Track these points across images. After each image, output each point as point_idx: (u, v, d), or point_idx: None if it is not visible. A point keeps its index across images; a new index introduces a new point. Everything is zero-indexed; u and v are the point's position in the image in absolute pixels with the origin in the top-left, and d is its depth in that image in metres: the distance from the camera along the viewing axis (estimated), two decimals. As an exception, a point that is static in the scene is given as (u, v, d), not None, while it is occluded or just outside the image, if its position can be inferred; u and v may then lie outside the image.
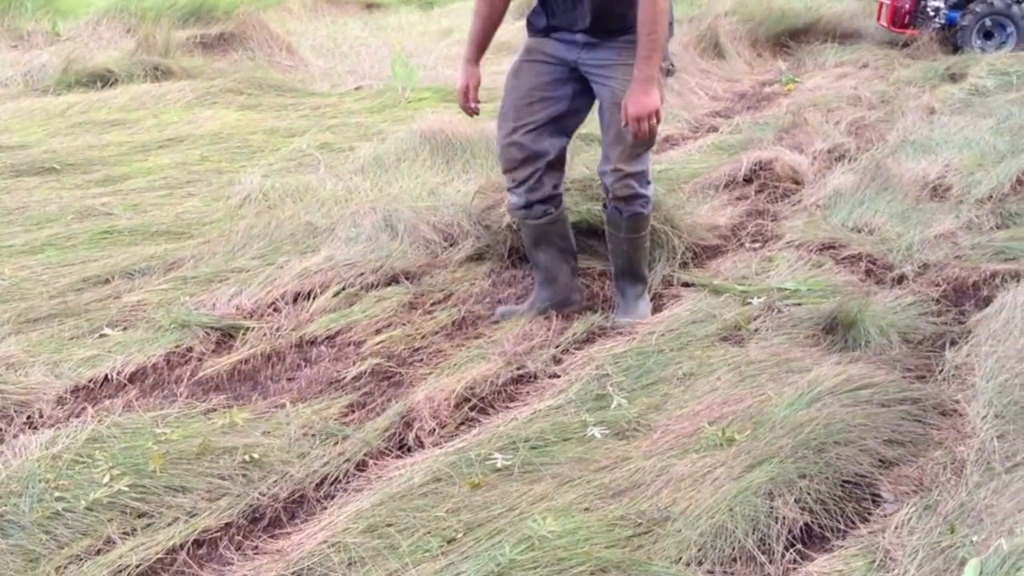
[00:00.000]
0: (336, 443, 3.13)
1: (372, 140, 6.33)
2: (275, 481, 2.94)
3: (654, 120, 3.37)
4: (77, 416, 3.25)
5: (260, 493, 2.88)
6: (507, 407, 3.35)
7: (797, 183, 5.45)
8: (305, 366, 3.73)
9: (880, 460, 2.93)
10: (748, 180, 5.47)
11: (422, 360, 3.71)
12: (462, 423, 3.24)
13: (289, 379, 3.65)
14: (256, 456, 2.99)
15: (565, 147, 3.77)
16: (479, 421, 3.21)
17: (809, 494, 2.76)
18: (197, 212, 5.20)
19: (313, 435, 3.17)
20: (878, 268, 4.43)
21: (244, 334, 3.90)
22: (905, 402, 3.16)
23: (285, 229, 4.83)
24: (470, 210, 4.81)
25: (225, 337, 3.91)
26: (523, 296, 4.24)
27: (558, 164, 3.77)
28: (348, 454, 3.08)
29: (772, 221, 4.96)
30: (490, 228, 4.70)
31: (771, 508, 2.69)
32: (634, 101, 3.35)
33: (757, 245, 4.74)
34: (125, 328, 3.93)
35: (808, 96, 7.64)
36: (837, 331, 3.68)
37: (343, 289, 4.27)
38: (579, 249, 4.15)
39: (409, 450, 3.13)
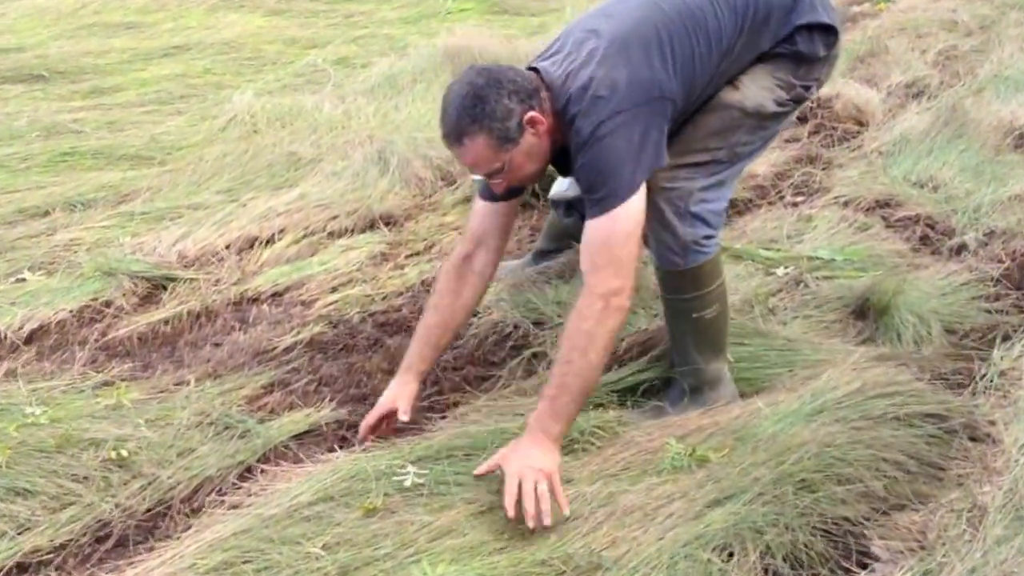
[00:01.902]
0: (232, 438, 2.56)
1: (392, 56, 5.67)
2: (139, 488, 2.40)
3: (543, 485, 2.12)
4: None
5: (115, 504, 2.35)
6: (459, 400, 2.74)
7: (860, 124, 4.67)
8: (237, 330, 3.17)
9: (878, 502, 2.27)
10: (803, 119, 4.69)
11: (372, 330, 3.11)
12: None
13: (215, 345, 3.11)
14: (125, 453, 2.46)
15: None
16: (413, 421, 2.60)
17: (778, 549, 2.12)
18: (176, 134, 4.66)
19: (209, 425, 2.61)
20: (935, 234, 3.68)
21: (176, 287, 3.34)
22: (928, 420, 2.48)
23: (263, 159, 4.25)
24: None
25: (154, 289, 3.38)
26: (519, 250, 3.61)
27: None
28: (240, 455, 2.51)
29: (822, 170, 4.22)
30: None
31: (724, 570, 2.07)
32: (519, 456, 2.17)
33: (799, 199, 4.01)
34: (48, 272, 3.41)
35: (898, 18, 6.70)
36: (867, 316, 3.00)
37: (305, 236, 3.67)
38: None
39: (314, 454, 2.53)
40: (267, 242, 3.66)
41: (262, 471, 2.47)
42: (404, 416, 2.46)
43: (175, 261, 3.49)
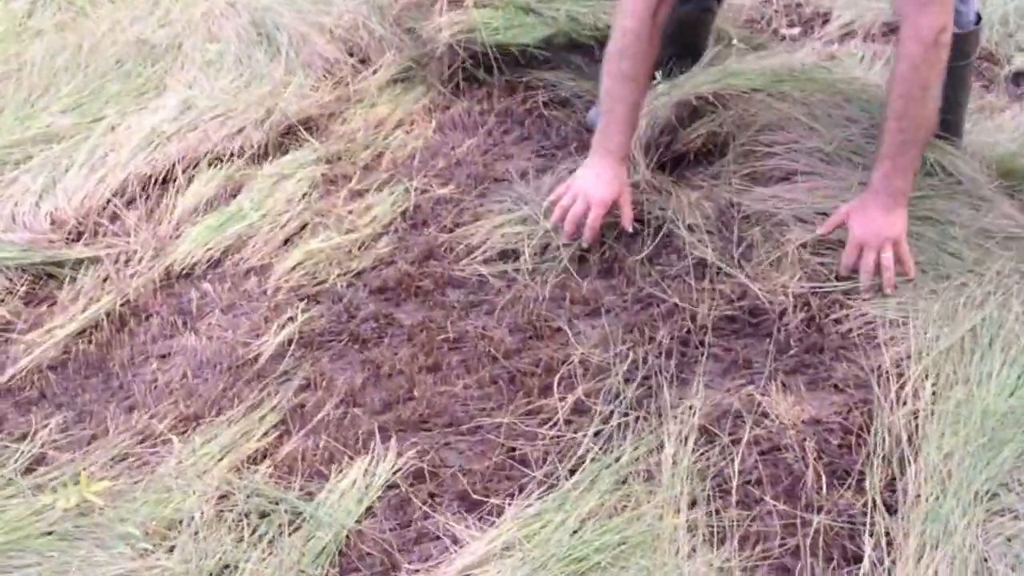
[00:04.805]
0: (292, 544, 1.73)
1: None
2: None
3: (887, 253, 2.15)
4: None
5: None
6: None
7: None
8: (185, 330, 2.26)
9: None
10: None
11: (373, 303, 2.28)
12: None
13: (161, 359, 2.19)
14: None
15: None
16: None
17: None
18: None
19: (240, 522, 1.77)
20: (979, 61, 3.07)
21: (71, 276, 2.35)
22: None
23: (106, 54, 3.16)
24: (383, 7, 3.20)
25: (39, 285, 2.38)
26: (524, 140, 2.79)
27: None
28: (320, 566, 1.69)
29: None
30: (418, 36, 3.11)
31: None
32: (865, 220, 2.17)
33: (794, 33, 3.31)
34: None
35: None
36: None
37: (213, 165, 2.70)
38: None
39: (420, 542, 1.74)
40: (163, 181, 2.66)
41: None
42: (628, 227, 2.37)
43: (51, 233, 2.47)
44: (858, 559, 1.68)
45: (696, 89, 2.66)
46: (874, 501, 1.76)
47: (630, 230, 2.37)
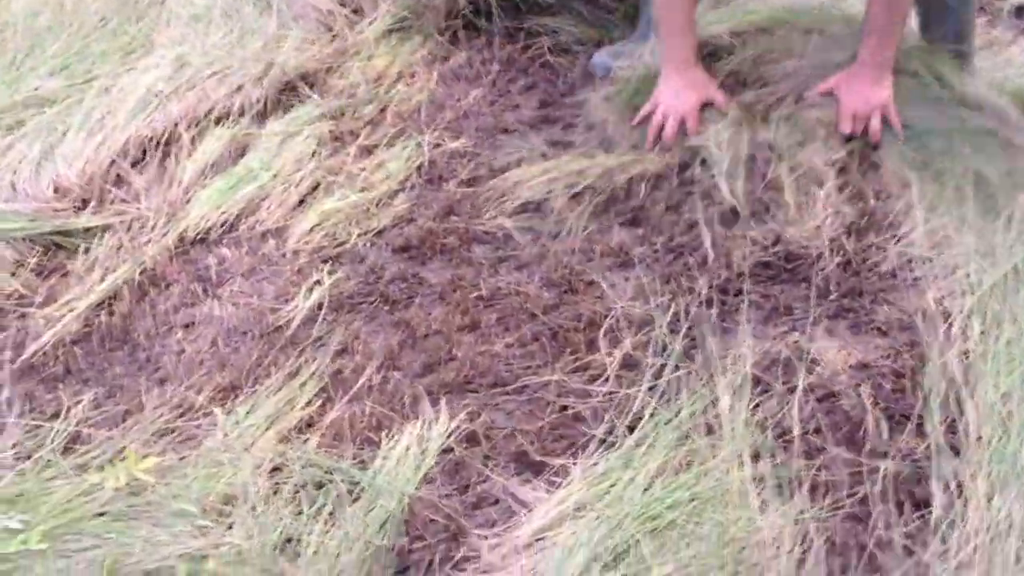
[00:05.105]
0: (353, 512, 1.69)
1: None
2: None
3: (876, 120, 2.34)
4: None
5: None
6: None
7: None
8: (207, 297, 2.18)
9: None
10: None
11: (398, 263, 2.22)
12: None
13: (185, 329, 2.12)
14: None
15: None
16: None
17: None
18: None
19: (297, 494, 1.71)
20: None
21: (83, 246, 2.27)
22: None
23: (89, 11, 3.04)
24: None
25: (49, 256, 2.30)
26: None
27: None
28: (386, 536, 1.65)
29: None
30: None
31: None
32: (855, 90, 2.34)
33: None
34: None
35: None
36: None
37: (216, 125, 2.60)
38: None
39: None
40: (166, 143, 2.57)
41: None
42: (725, 107, 2.44)
43: (56, 202, 2.38)
44: (927, 504, 1.67)
45: (711, 28, 2.61)
46: (937, 444, 1.74)
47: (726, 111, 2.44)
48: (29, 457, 1.82)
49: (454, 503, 1.71)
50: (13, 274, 2.22)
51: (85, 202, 2.41)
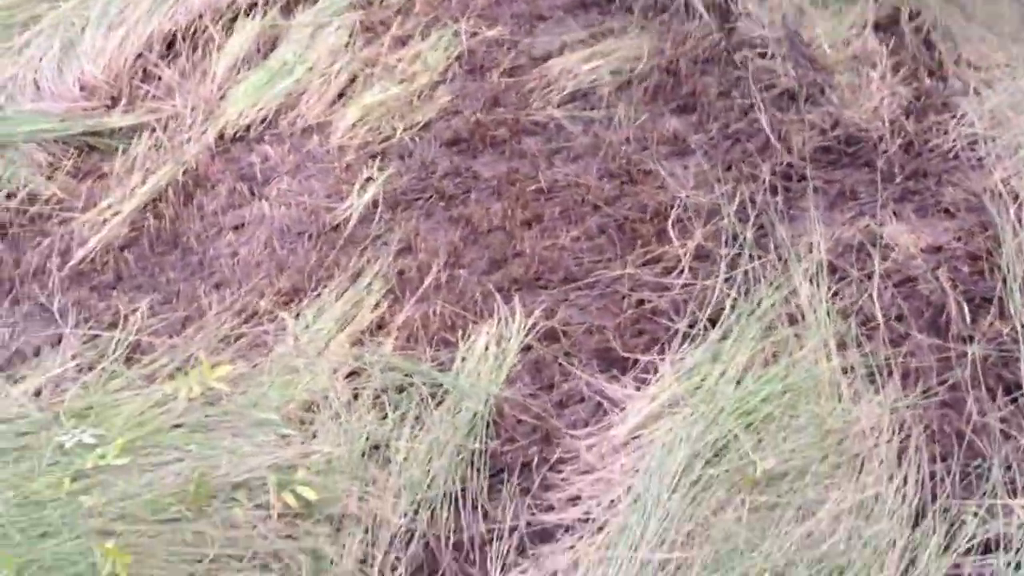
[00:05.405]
0: (443, 413, 1.66)
1: None
2: (360, 543, 1.48)
3: None
4: None
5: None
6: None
7: None
8: (254, 198, 2.11)
9: None
10: None
11: (448, 156, 2.16)
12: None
13: (236, 231, 2.05)
14: (310, 493, 1.50)
15: None
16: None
17: None
18: None
19: (380, 398, 1.67)
20: None
21: (119, 145, 2.18)
22: None
23: None
24: None
25: (84, 157, 2.19)
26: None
27: None
28: (476, 440, 1.62)
29: None
30: None
31: None
32: None
33: None
34: None
35: None
36: None
37: (244, 15, 2.49)
38: None
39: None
40: (193, 36, 2.46)
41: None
42: None
43: (84, 100, 2.28)
44: (1019, 386, 1.65)
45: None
46: (1021, 327, 1.72)
47: None
48: (92, 368, 1.76)
49: (542, 403, 1.68)
50: (49, 178, 2.13)
51: (115, 100, 2.32)
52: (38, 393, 1.73)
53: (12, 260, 2.02)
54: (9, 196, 2.08)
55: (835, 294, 1.81)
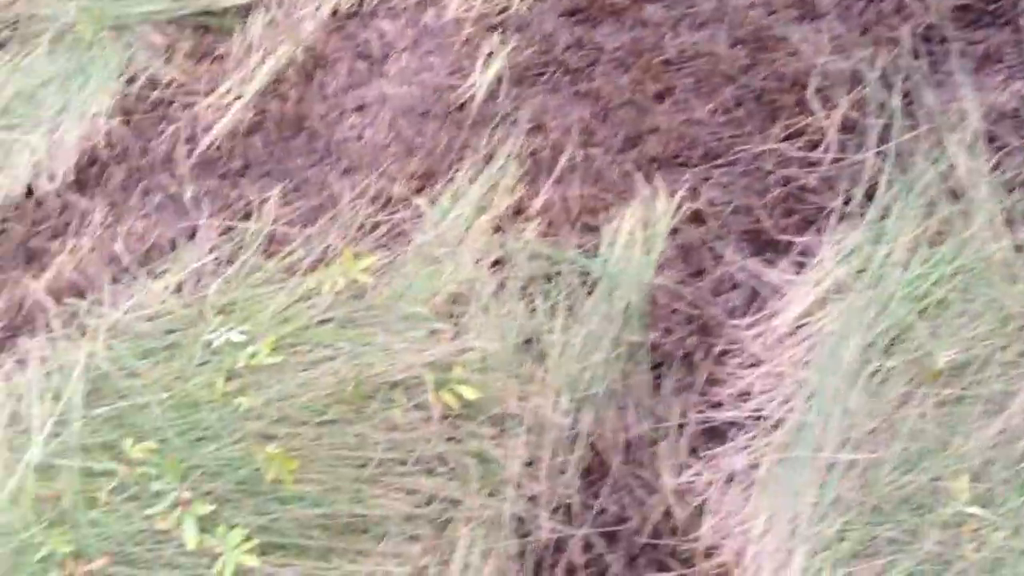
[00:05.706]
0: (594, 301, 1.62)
1: None
2: (526, 445, 1.47)
3: None
4: None
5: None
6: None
7: None
8: (373, 76, 2.04)
9: None
10: None
11: (566, 25, 2.08)
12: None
13: (357, 112, 1.99)
14: (468, 393, 1.48)
15: None
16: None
17: None
18: None
19: (530, 286, 1.64)
20: None
21: (231, 25, 2.12)
22: None
23: None
24: None
25: (198, 40, 2.14)
26: None
27: None
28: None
29: None
30: None
31: None
32: None
33: None
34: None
35: None
36: None
37: None
38: None
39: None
40: None
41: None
42: None
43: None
44: None
45: None
46: None
47: None
48: (231, 262, 1.73)
49: (694, 290, 1.63)
50: (168, 61, 2.07)
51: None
52: (179, 288, 1.71)
53: (139, 148, 1.98)
54: (130, 81, 2.02)
55: (996, 166, 1.72)
